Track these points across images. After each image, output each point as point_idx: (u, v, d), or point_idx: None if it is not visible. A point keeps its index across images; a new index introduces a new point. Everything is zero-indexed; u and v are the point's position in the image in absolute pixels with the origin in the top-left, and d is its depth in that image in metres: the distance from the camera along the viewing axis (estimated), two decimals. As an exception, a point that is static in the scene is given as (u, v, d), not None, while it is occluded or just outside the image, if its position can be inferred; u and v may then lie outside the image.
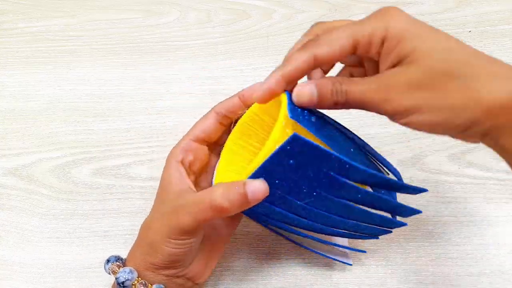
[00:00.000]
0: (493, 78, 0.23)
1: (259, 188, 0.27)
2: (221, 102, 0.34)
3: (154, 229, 0.30)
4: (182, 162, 0.33)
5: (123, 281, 0.30)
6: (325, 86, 0.27)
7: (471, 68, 0.23)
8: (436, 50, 0.24)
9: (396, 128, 0.46)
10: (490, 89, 0.23)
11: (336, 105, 0.27)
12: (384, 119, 0.27)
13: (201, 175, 0.35)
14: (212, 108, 0.34)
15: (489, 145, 0.25)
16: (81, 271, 0.40)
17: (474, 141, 0.26)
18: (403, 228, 0.41)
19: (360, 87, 0.26)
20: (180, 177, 0.32)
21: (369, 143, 0.34)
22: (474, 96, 0.23)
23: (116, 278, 0.30)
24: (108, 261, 0.32)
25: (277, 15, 0.54)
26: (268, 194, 0.27)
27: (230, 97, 0.34)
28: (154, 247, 0.30)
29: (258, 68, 0.50)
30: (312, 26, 0.30)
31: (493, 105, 0.23)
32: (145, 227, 0.32)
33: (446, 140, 0.45)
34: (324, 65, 0.29)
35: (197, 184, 0.35)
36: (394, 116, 0.25)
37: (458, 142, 0.44)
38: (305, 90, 0.27)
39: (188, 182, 0.32)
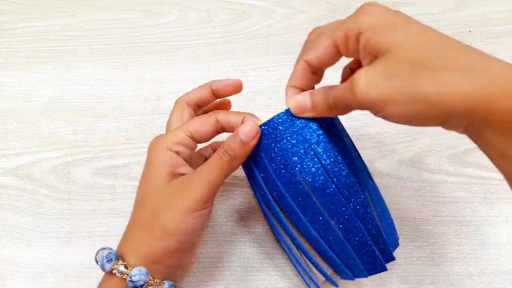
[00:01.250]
0: (466, 71, 0.22)
1: (248, 129, 0.30)
2: (189, 93, 0.36)
3: (166, 212, 0.31)
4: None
5: (142, 284, 0.30)
6: (317, 94, 0.29)
7: (444, 60, 0.23)
8: (409, 42, 0.24)
9: (396, 128, 0.46)
10: (461, 83, 0.22)
11: (331, 110, 0.28)
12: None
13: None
14: (181, 100, 0.36)
15: (473, 139, 0.24)
16: (81, 271, 0.40)
17: (461, 132, 0.24)
18: (403, 228, 0.41)
19: (341, 89, 0.26)
20: (174, 162, 0.33)
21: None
22: (446, 89, 0.22)
23: (133, 281, 0.29)
24: (109, 259, 0.31)
25: (277, 15, 0.54)
26: (259, 133, 0.30)
27: (199, 89, 0.36)
28: (168, 229, 0.30)
29: (258, 68, 0.50)
30: (309, 34, 0.31)
31: (466, 99, 0.22)
32: (151, 214, 0.31)
33: (446, 140, 0.45)
34: (320, 69, 0.30)
35: None
36: (372, 109, 0.25)
37: (458, 142, 0.45)
38: (299, 99, 0.29)
39: (187, 165, 0.33)
